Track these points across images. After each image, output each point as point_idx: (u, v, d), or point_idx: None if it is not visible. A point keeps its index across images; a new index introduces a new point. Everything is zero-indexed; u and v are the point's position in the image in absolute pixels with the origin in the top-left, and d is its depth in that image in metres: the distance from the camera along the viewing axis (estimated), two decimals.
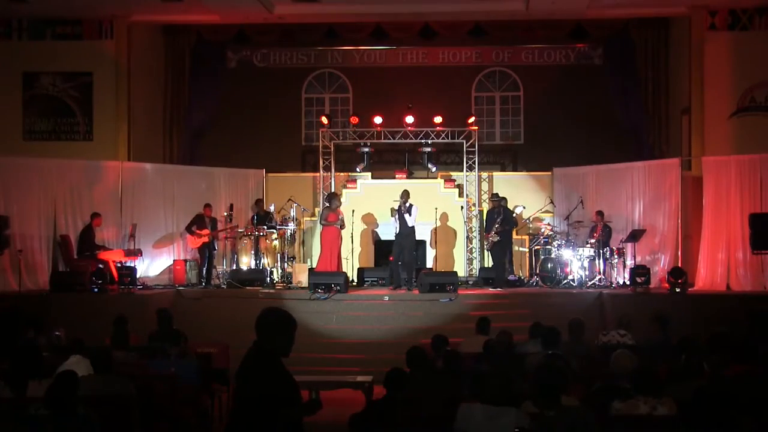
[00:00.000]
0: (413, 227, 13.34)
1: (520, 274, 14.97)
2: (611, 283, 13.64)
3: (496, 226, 13.55)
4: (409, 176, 16.09)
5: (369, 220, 15.35)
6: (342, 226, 13.73)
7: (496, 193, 14.44)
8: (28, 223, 13.62)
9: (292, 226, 14.82)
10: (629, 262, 13.82)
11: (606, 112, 16.90)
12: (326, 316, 12.25)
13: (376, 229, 15.41)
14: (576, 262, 13.91)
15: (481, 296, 13.08)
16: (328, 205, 13.92)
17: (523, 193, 15.77)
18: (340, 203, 14.18)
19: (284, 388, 4.25)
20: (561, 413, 4.93)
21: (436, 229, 14.70)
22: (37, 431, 5.07)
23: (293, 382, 4.34)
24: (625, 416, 5.30)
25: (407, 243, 13.33)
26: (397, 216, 13.35)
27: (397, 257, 13.42)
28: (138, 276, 13.58)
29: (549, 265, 14.08)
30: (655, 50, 16.55)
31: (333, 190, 15.20)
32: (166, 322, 9.14)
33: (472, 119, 15.69)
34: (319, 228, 14.11)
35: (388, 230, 14.45)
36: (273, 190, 16.05)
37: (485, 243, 14.08)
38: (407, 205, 13.29)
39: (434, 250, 14.83)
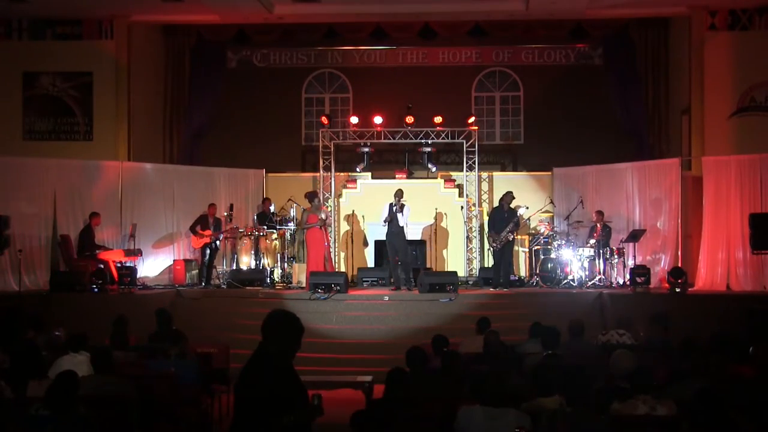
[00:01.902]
0: (403, 227, 13.31)
1: (521, 274, 14.96)
2: (611, 283, 13.63)
3: (511, 225, 13.33)
4: (409, 176, 16.08)
5: (356, 219, 15.36)
6: (325, 224, 13.70)
7: (511, 192, 13.75)
8: (28, 223, 13.61)
9: (292, 226, 14.83)
10: (629, 262, 13.81)
11: (606, 112, 16.89)
12: (326, 316, 12.24)
13: (363, 229, 15.38)
14: (576, 262, 13.90)
15: (481, 296, 13.08)
16: (308, 206, 13.84)
17: (523, 193, 15.69)
18: (320, 201, 14.19)
19: (286, 392, 4.21)
20: (579, 412, 4.98)
21: (435, 229, 14.69)
22: (37, 431, 5.07)
23: (299, 385, 4.30)
24: (625, 416, 5.30)
25: (399, 242, 13.31)
26: (388, 215, 13.28)
27: (394, 257, 13.41)
28: (138, 276, 13.59)
29: (549, 265, 14.07)
30: (655, 50, 16.56)
31: (312, 189, 15.01)
32: (165, 322, 9.13)
33: (472, 119, 15.67)
34: (304, 231, 14.00)
35: (378, 230, 14.36)
36: (273, 190, 16.03)
37: (494, 242, 13.30)
38: (401, 204, 13.29)
39: (432, 249, 14.82)
